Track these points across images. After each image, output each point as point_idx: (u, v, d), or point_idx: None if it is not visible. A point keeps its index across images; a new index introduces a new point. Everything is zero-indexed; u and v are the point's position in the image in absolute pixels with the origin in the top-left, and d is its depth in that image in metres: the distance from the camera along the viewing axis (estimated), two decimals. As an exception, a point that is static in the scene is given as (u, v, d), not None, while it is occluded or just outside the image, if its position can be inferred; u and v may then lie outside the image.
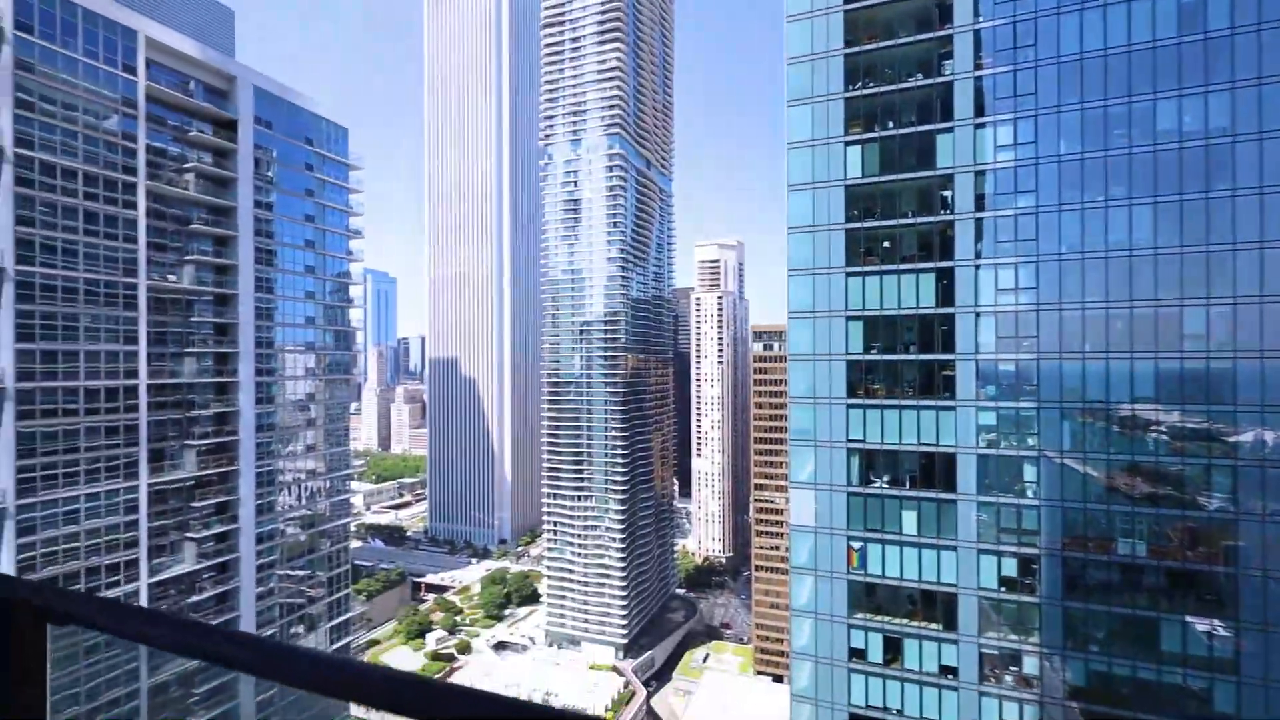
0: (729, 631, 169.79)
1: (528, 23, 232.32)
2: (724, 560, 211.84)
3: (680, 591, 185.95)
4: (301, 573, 73.75)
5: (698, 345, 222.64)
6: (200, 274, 63.46)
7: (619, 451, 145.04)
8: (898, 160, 45.76)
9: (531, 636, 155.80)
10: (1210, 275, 36.99)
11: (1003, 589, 42.34)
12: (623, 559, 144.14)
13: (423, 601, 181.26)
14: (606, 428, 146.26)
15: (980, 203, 42.81)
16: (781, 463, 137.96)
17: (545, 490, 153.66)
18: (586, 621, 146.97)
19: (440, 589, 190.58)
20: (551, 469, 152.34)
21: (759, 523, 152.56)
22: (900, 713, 44.47)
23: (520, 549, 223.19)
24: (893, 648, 45.59)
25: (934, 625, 44.29)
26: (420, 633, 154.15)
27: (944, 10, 44.20)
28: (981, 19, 42.71)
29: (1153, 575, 39.36)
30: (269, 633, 68.43)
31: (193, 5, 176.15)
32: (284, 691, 64.25)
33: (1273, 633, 36.37)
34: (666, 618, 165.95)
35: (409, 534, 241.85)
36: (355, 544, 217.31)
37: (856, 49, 46.94)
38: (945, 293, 43.92)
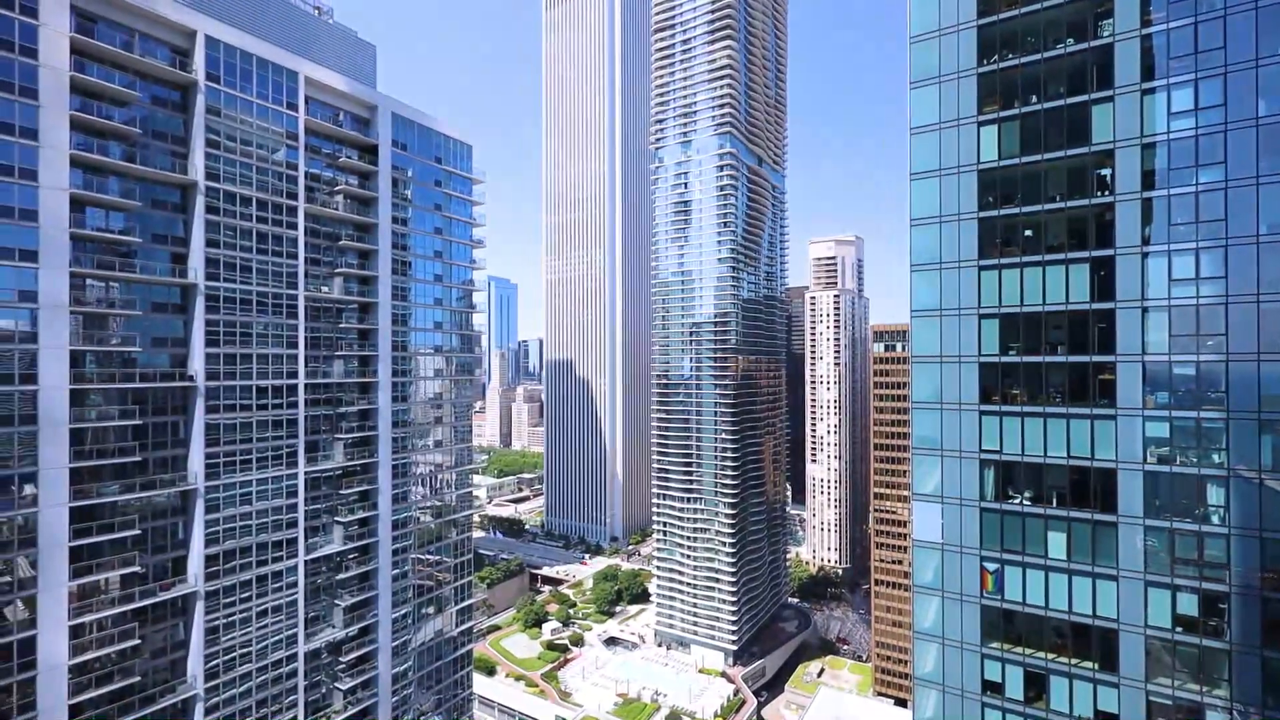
0: (845, 647, 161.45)
1: (640, 30, 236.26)
2: (840, 571, 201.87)
3: (793, 601, 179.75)
4: (431, 558, 79.73)
5: (812, 346, 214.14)
6: (347, 285, 70.59)
7: (729, 454, 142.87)
8: (1042, 138, 40.73)
9: (641, 635, 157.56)
10: None
11: (1179, 629, 36.23)
12: (732, 563, 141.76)
13: (539, 592, 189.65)
14: (716, 430, 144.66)
15: (1149, 180, 36.95)
16: (904, 471, 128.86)
17: (655, 491, 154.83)
18: (696, 624, 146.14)
19: (555, 581, 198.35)
20: (661, 470, 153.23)
21: (879, 534, 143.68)
22: (1046, 759, 39.49)
23: (631, 547, 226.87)
24: (1036, 684, 40.60)
25: (1088, 664, 38.87)
26: (537, 622, 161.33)
27: (1101, -37, 38.73)
28: (1149, -32, 36.90)
29: (1392, 628, 31.82)
30: (402, 611, 74.63)
31: (339, 41, 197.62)
32: (415, 667, 69.49)
33: None
34: (778, 627, 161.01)
35: (527, 527, 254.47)
36: (478, 534, 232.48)
37: (993, 17, 42.45)
38: (1103, 285, 38.38)
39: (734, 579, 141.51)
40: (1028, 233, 42.11)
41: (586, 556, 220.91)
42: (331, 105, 69.72)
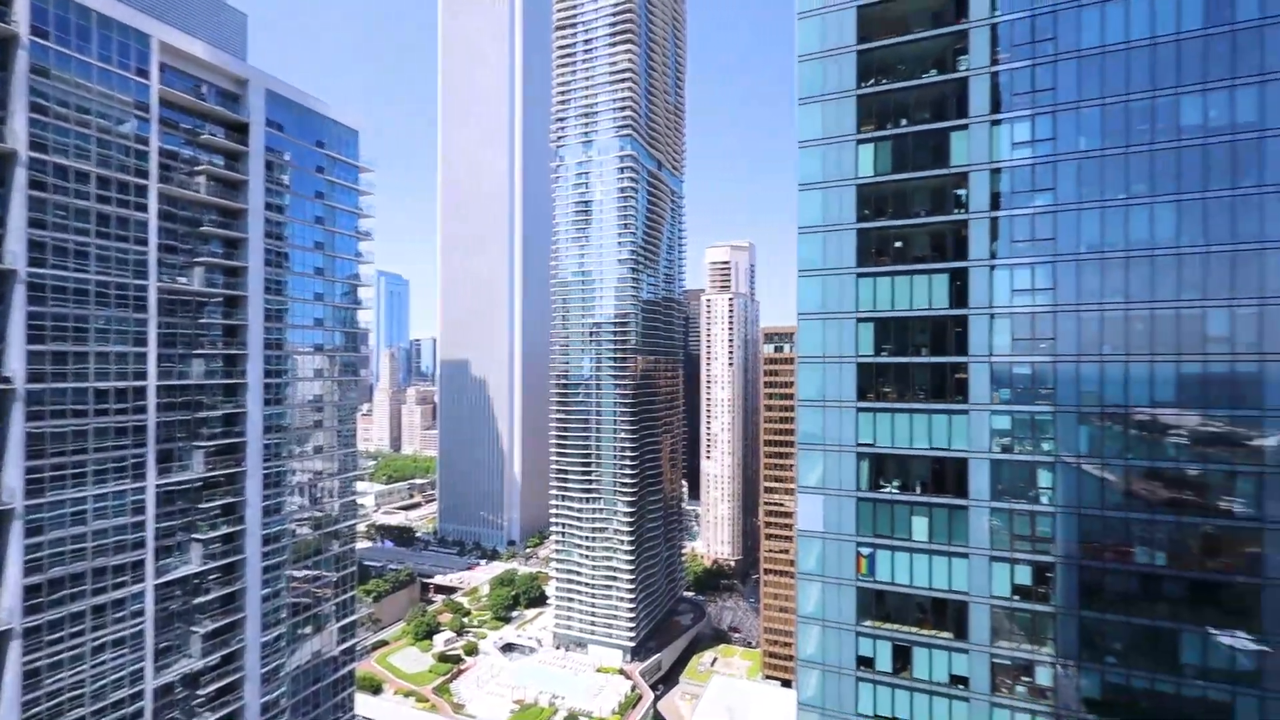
0: (737, 635, 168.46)
1: (541, 26, 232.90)
2: (733, 564, 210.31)
3: (688, 594, 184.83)
4: (309, 573, 73.80)
5: (708, 347, 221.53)
6: (210, 276, 63.70)
7: (628, 454, 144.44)
8: (911, 158, 44.85)
9: (539, 638, 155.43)
10: (1235, 275, 35.72)
11: (1016, 597, 41.24)
12: (630, 562, 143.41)
13: (431, 603, 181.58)
14: (616, 430, 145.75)
15: (996, 201, 41.79)
16: (791, 465, 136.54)
17: (554, 492, 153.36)
18: (594, 624, 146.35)
19: (449, 590, 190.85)
20: (560, 471, 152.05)
21: (768, 526, 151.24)
22: (911, 723, 43.44)
23: (529, 550, 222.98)
24: (902, 656, 44.58)
25: (944, 634, 43.25)
26: (429, 633, 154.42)
27: (960, 4, 43.25)
28: (999, 13, 41.71)
29: (1173, 585, 38.11)
30: (274, 634, 68.40)
31: (206, 9, 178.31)
32: (290, 692, 64.28)
33: (1300, 646, 35.04)
34: (674, 621, 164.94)
35: (419, 535, 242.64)
36: (365, 545, 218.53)
37: (869, 45, 46.10)
38: (959, 294, 42.92)
39: (632, 577, 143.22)
40: (898, 244, 46.18)
41: (483, 562, 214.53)
42: (193, 76, 62.60)
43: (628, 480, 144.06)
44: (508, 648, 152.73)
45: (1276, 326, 35.00)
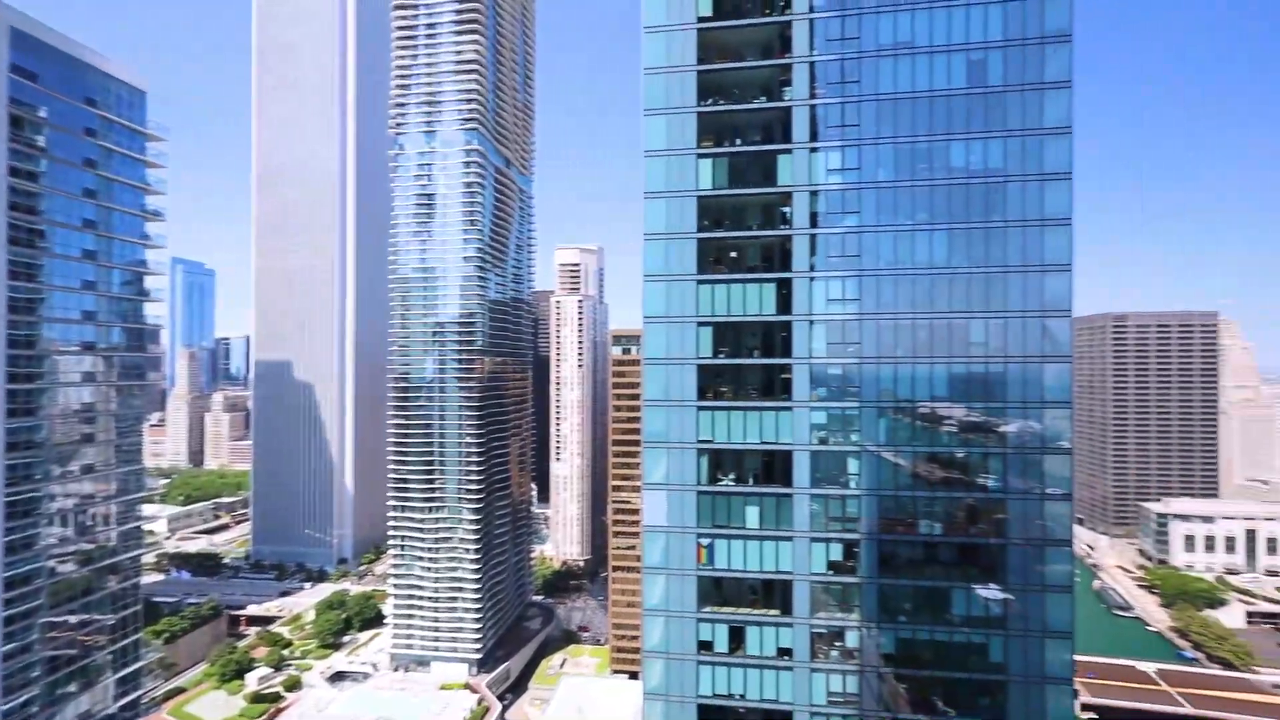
0: (586, 634, 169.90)
1: None
2: (582, 564, 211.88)
3: (538, 599, 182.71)
4: (75, 618, 61.36)
5: (558, 349, 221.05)
6: (-75, 253, 50.47)
7: (474, 459, 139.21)
8: (744, 176, 48.66)
9: (375, 662, 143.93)
10: (988, 292, 43.85)
11: (830, 572, 46.51)
12: (477, 571, 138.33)
13: (243, 636, 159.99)
14: (461, 434, 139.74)
15: (814, 220, 46.84)
16: (638, 464, 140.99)
17: (392, 503, 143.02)
18: (437, 639, 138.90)
19: (265, 620, 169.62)
20: (399, 480, 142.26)
21: (616, 524, 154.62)
22: (743, 696, 47.06)
23: (363, 568, 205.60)
24: (737, 636, 48.12)
25: (773, 611, 47.48)
26: (239, 673, 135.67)
27: (785, 41, 47.83)
28: (816, 53, 46.85)
29: (946, 550, 45.53)
30: (22, 698, 55.82)
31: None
32: None
33: (1030, 593, 43.75)
34: (523, 627, 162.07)
35: (226, 561, 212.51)
36: (156, 578, 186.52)
37: (708, 67, 49.22)
38: (784, 302, 47.41)
39: (479, 586, 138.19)
40: (734, 254, 49.88)
41: (308, 585, 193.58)
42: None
43: (474, 486, 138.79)
44: (338, 677, 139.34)
45: (1015, 334, 43.58)
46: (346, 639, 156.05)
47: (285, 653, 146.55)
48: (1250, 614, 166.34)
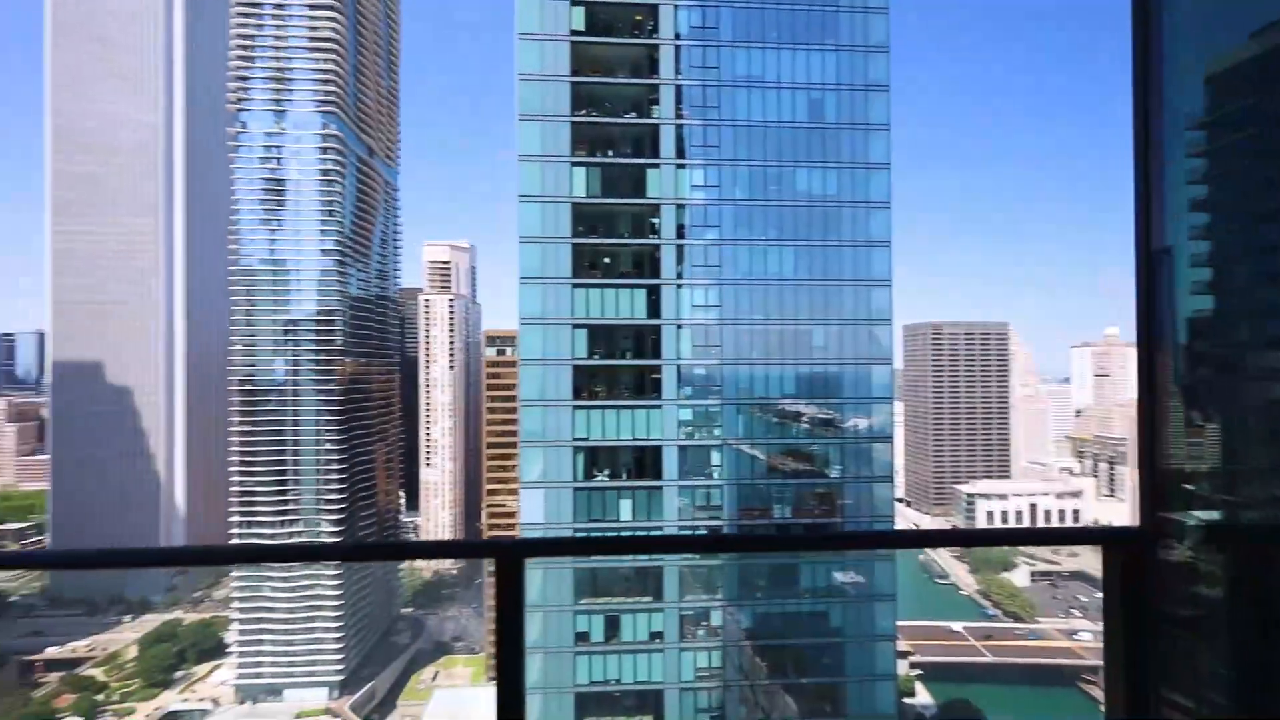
0: (460, 644, 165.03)
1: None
2: (455, 572, 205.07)
3: (406, 611, 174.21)
4: None
5: (427, 350, 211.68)
6: None
7: (335, 467, 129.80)
8: (617, 186, 51.09)
9: (215, 698, 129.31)
10: (828, 303, 50.11)
11: (697, 557, 50.40)
12: (338, 588, 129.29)
13: (39, 686, 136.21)
14: (319, 441, 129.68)
15: (680, 231, 50.46)
16: (514, 466, 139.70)
17: (237, 519, 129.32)
18: (292, 664, 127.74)
19: (71, 664, 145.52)
20: (246, 492, 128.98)
21: (492, 528, 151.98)
22: (619, 681, 49.51)
23: (199, 594, 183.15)
24: (612, 625, 50.44)
25: (645, 598, 50.41)
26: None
27: (653, 63, 50.94)
28: (681, 76, 50.45)
29: (795, 531, 51.20)
30: None
31: None
32: None
33: (863, 562, 50.57)
34: (390, 642, 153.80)
35: (15, 600, 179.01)
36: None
37: (580, 79, 51.02)
38: (654, 307, 50.55)
39: (340, 603, 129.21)
40: (607, 260, 52.18)
41: (129, 618, 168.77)
42: None
43: (335, 496, 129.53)
44: (170, 718, 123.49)
45: (848, 340, 50.27)
46: (179, 674, 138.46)
47: (99, 698, 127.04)
48: (1033, 573, 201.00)
